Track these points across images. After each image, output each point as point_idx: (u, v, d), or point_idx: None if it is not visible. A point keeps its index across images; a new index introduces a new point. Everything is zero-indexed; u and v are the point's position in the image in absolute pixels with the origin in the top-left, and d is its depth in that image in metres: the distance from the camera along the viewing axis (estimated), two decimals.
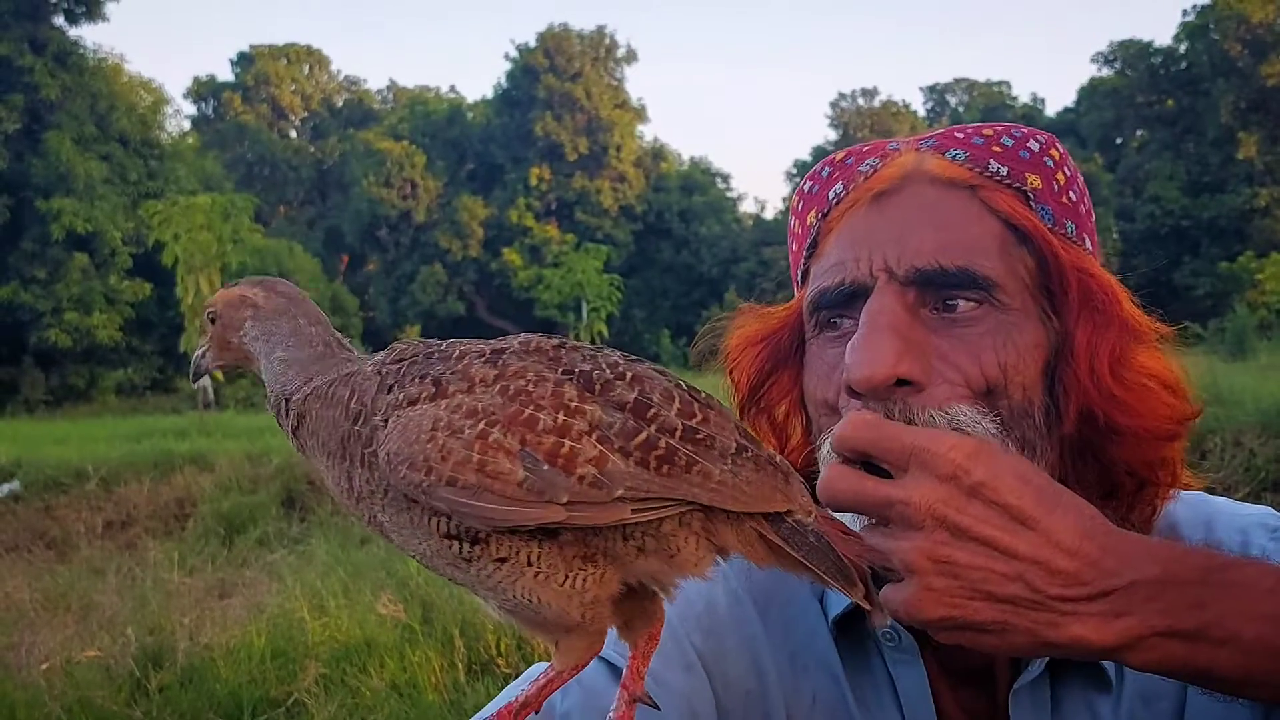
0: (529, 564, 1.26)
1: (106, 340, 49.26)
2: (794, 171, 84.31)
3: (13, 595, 12.17)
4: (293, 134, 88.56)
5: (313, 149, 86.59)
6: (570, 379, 1.27)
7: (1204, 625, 1.28)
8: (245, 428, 24.70)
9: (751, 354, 1.82)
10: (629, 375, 1.29)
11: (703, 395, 1.34)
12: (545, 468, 1.21)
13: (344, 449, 1.32)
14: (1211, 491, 1.87)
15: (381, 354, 1.38)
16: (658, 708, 1.32)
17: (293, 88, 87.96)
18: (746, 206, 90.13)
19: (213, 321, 1.52)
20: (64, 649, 9.22)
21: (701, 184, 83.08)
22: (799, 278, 1.82)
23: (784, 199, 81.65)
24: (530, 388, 1.25)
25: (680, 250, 76.25)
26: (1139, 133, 65.48)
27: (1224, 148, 60.61)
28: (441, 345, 1.36)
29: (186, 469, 18.59)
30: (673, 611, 1.46)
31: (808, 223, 1.77)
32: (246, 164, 79.98)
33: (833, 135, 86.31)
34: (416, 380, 1.29)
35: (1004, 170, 1.65)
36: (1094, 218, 1.76)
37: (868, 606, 1.35)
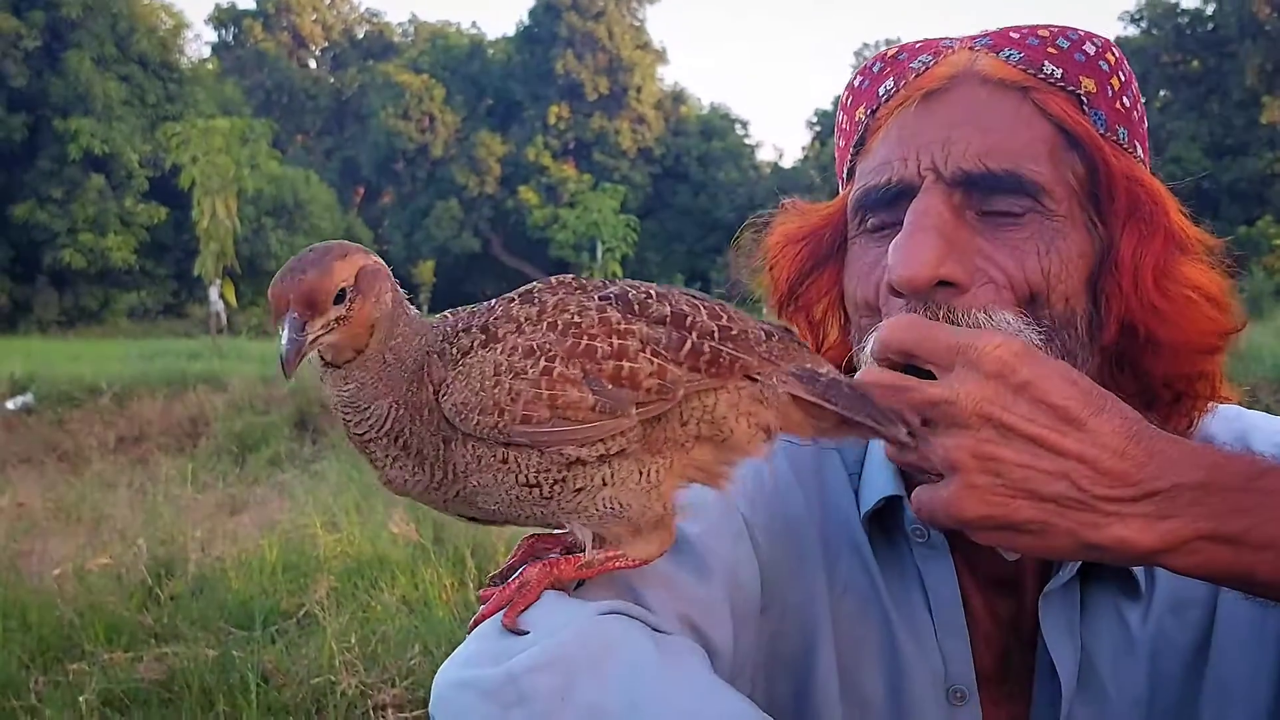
0: (604, 484, 1.31)
1: (120, 263, 49.38)
2: (814, 120, 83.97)
3: (25, 504, 12.23)
4: (312, 63, 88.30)
5: (332, 79, 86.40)
6: (609, 303, 1.33)
7: (1246, 530, 1.27)
8: (258, 353, 24.76)
9: (792, 251, 1.80)
10: (654, 293, 1.36)
11: (713, 300, 1.40)
12: (611, 389, 1.27)
13: (434, 443, 1.32)
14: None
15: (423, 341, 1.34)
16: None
17: (314, 17, 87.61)
18: (765, 154, 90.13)
19: (350, 296, 1.28)
20: (76, 557, 9.24)
21: (720, 129, 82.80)
22: (844, 175, 1.79)
23: (803, 148, 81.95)
24: (577, 318, 1.31)
25: (697, 195, 76.12)
26: (1162, 93, 64.93)
27: (1248, 110, 60.23)
28: (475, 306, 1.38)
29: (200, 388, 18.63)
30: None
31: (856, 119, 1.74)
32: (265, 91, 79.81)
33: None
34: (463, 333, 1.32)
35: (1058, 72, 1.62)
36: (1146, 125, 1.73)
37: (912, 443, 1.35)
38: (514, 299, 1.35)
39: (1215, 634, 1.67)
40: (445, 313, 1.39)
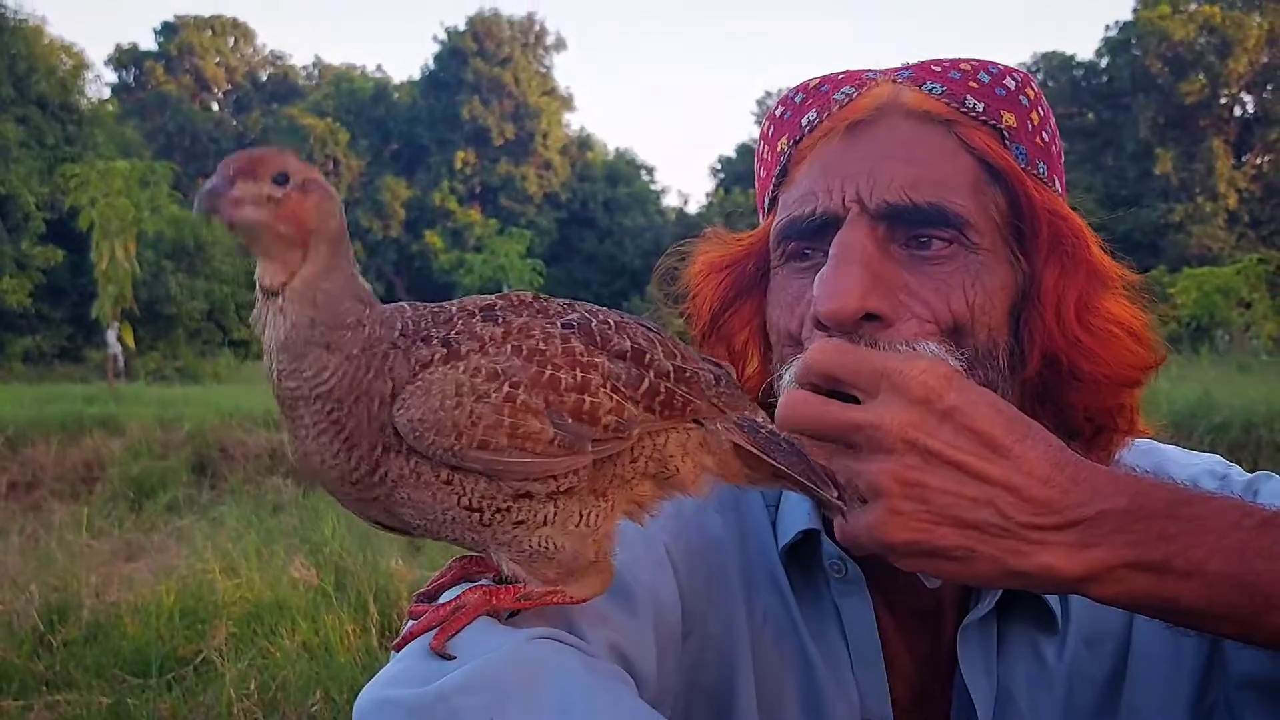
0: (545, 522, 1.29)
1: (15, 305, 48.34)
2: (718, 167, 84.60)
3: None
4: (215, 106, 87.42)
5: (235, 122, 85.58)
6: (573, 332, 1.31)
7: (1170, 557, 1.28)
8: (156, 397, 24.34)
9: (715, 281, 1.81)
10: (613, 322, 1.35)
11: (666, 332, 1.41)
12: (571, 423, 1.25)
13: (368, 434, 1.25)
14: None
15: (381, 326, 1.28)
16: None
17: (217, 59, 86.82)
18: (670, 200, 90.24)
19: (291, 185, 1.23)
20: None
21: (626, 175, 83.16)
22: (765, 205, 1.80)
23: (707, 194, 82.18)
24: (542, 345, 1.28)
25: (603, 240, 76.28)
26: None
27: (1141, 162, 61.59)
28: (429, 306, 1.33)
29: (96, 432, 18.22)
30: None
31: (778, 149, 1.75)
32: (167, 134, 78.80)
33: (757, 133, 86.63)
34: (422, 342, 1.27)
35: (980, 106, 1.64)
36: (1063, 159, 1.76)
37: (842, 506, 1.36)
38: (475, 314, 1.31)
39: (1130, 666, 1.69)
40: (400, 304, 1.32)
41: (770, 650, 1.72)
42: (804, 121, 1.71)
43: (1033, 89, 1.70)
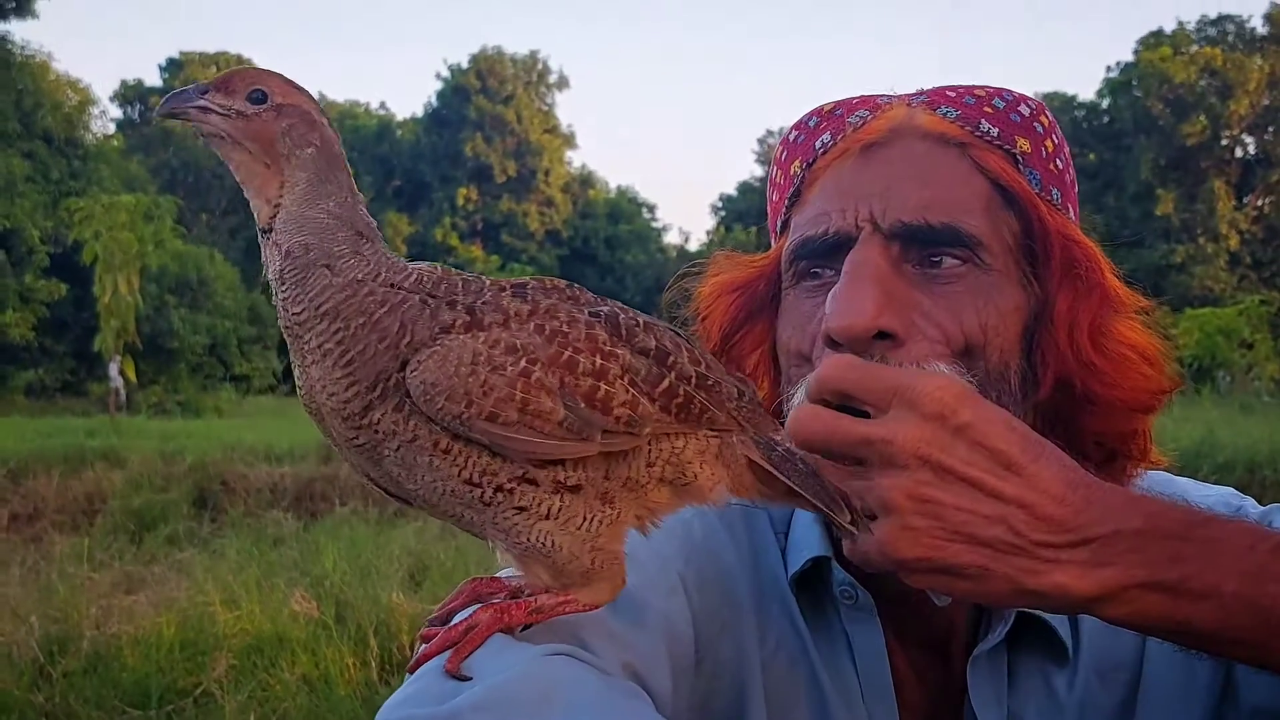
0: (548, 515, 1.28)
1: (18, 339, 48.29)
2: (719, 205, 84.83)
3: None
4: None
5: None
6: (599, 321, 1.30)
7: (1184, 578, 1.27)
8: (158, 430, 24.32)
9: (726, 302, 1.81)
10: (642, 322, 1.34)
11: (696, 342, 1.40)
12: (583, 408, 1.24)
13: (370, 368, 1.25)
14: None
15: (409, 274, 1.30)
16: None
17: None
18: (671, 237, 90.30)
19: (265, 105, 1.28)
20: None
21: (628, 212, 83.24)
22: (778, 228, 1.80)
23: (708, 231, 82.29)
24: (565, 328, 1.28)
25: (604, 277, 76.20)
26: None
27: (1143, 203, 61.45)
28: (466, 275, 1.33)
29: (97, 465, 18.20)
30: (659, 537, 1.44)
31: (791, 173, 1.75)
32: (171, 169, 78.84)
33: (759, 171, 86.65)
34: (447, 306, 1.27)
35: (995, 131, 1.65)
36: (1077, 189, 1.77)
37: (854, 530, 1.35)
38: (506, 289, 1.31)
39: (1141, 698, 1.68)
40: (434, 265, 1.33)
41: (781, 677, 1.71)
42: (818, 144, 1.72)
43: (1047, 118, 1.71)
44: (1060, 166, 1.70)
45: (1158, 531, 1.29)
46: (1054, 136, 1.70)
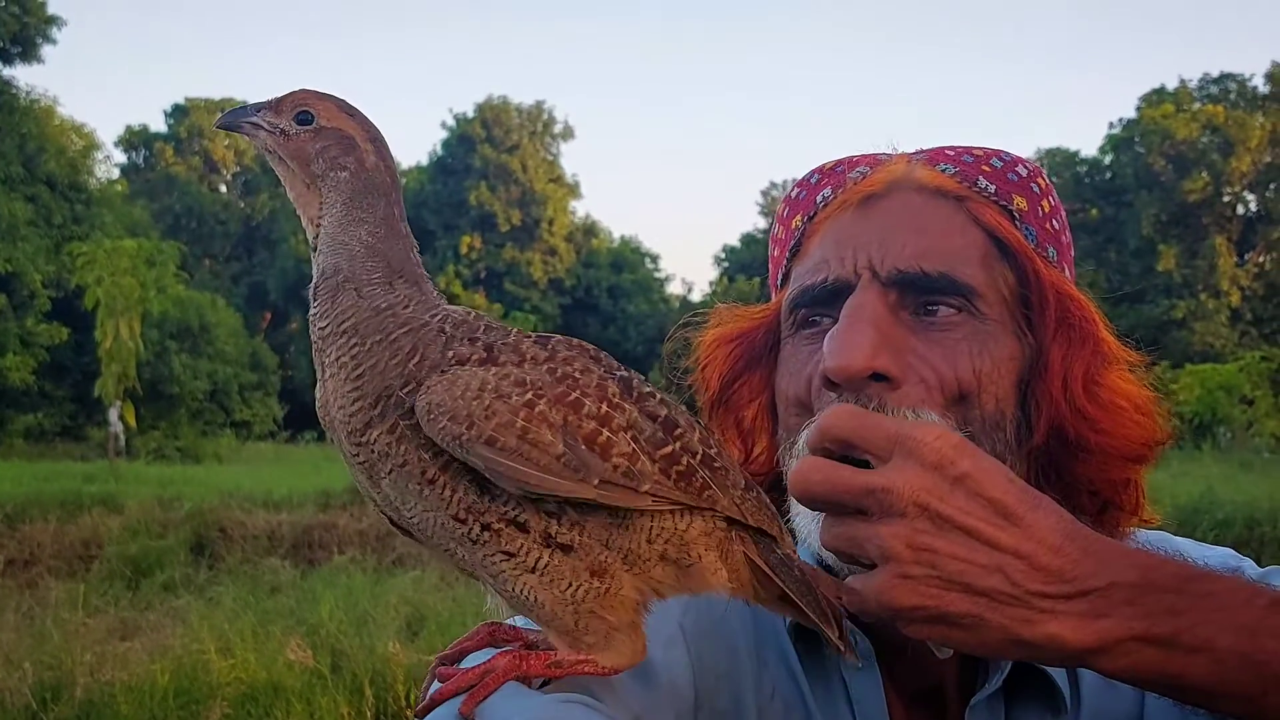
0: (533, 569, 1.28)
1: (19, 382, 48.41)
2: (723, 256, 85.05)
3: None
4: (223, 188, 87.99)
5: (242, 204, 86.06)
6: (613, 378, 1.33)
7: (1179, 632, 1.27)
8: (156, 476, 24.31)
9: (725, 351, 1.83)
10: (659, 395, 1.36)
11: (714, 433, 1.42)
12: (582, 448, 1.25)
13: (377, 383, 1.29)
14: None
15: (437, 311, 1.35)
16: None
17: (226, 142, 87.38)
18: (674, 288, 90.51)
19: (309, 126, 1.37)
20: None
21: (631, 262, 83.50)
22: (779, 281, 1.83)
23: (711, 282, 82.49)
24: (577, 375, 1.31)
25: (607, 326, 76.45)
26: None
27: (1144, 259, 61.77)
28: (494, 321, 1.37)
29: (95, 510, 18.22)
30: None
31: (792, 228, 1.79)
32: (174, 215, 79.26)
33: (762, 223, 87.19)
34: (467, 341, 1.30)
35: (992, 187, 1.68)
36: (1073, 251, 1.80)
37: (840, 647, 1.38)
38: (530, 336, 1.35)
39: None
40: (462, 308, 1.37)
41: None
42: (819, 199, 1.75)
43: (1044, 180, 1.74)
44: (1057, 227, 1.73)
45: (1153, 585, 1.29)
46: (1050, 198, 1.74)
